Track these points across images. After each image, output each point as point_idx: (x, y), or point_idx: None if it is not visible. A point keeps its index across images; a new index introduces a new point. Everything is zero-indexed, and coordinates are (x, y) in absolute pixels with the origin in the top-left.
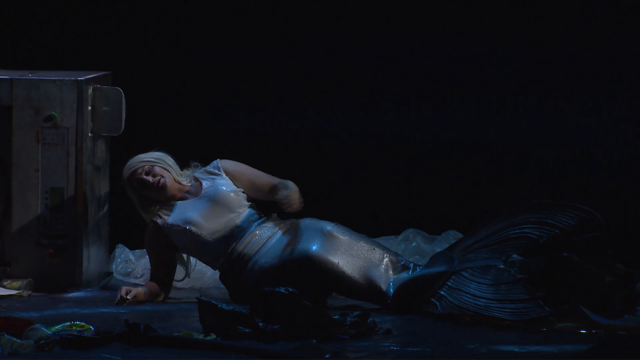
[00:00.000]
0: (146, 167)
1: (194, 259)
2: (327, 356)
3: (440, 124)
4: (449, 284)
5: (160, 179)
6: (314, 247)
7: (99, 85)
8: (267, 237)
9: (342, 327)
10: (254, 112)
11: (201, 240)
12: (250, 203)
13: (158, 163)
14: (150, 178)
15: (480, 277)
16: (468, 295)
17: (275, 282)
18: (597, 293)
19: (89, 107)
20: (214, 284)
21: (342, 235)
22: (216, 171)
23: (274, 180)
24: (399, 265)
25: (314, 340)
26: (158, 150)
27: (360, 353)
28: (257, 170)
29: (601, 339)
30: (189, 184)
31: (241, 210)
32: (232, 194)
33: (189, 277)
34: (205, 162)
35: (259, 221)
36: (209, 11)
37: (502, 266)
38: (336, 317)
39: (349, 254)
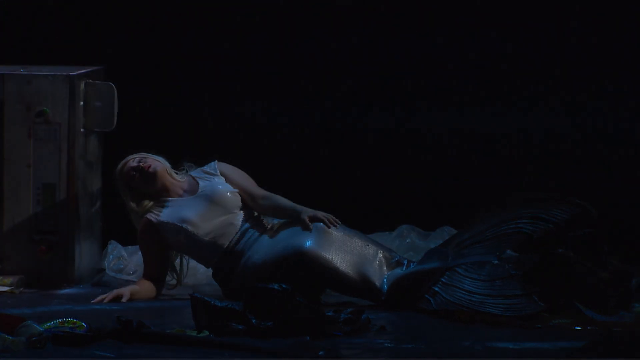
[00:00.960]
0: (137, 158)
1: (186, 266)
2: (320, 353)
3: (436, 122)
4: (443, 280)
5: (151, 165)
6: (307, 243)
7: (91, 81)
8: (260, 234)
9: (335, 324)
10: (250, 109)
11: (196, 240)
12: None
13: (151, 156)
14: (142, 164)
15: (474, 273)
16: (462, 292)
17: (268, 278)
18: (592, 289)
19: (81, 103)
20: (206, 280)
21: (335, 231)
22: (213, 171)
23: (267, 193)
24: (393, 262)
25: (308, 337)
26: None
27: (354, 350)
28: (252, 180)
29: (596, 336)
30: (183, 180)
31: (236, 211)
32: (228, 194)
33: (180, 284)
34: (199, 158)
35: (253, 219)
36: (203, 5)
37: (496, 262)
38: (330, 313)
39: (343, 249)
